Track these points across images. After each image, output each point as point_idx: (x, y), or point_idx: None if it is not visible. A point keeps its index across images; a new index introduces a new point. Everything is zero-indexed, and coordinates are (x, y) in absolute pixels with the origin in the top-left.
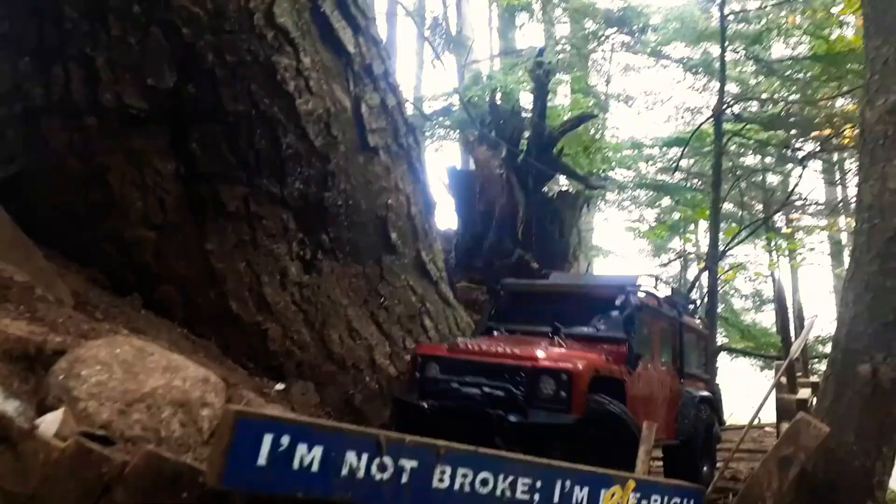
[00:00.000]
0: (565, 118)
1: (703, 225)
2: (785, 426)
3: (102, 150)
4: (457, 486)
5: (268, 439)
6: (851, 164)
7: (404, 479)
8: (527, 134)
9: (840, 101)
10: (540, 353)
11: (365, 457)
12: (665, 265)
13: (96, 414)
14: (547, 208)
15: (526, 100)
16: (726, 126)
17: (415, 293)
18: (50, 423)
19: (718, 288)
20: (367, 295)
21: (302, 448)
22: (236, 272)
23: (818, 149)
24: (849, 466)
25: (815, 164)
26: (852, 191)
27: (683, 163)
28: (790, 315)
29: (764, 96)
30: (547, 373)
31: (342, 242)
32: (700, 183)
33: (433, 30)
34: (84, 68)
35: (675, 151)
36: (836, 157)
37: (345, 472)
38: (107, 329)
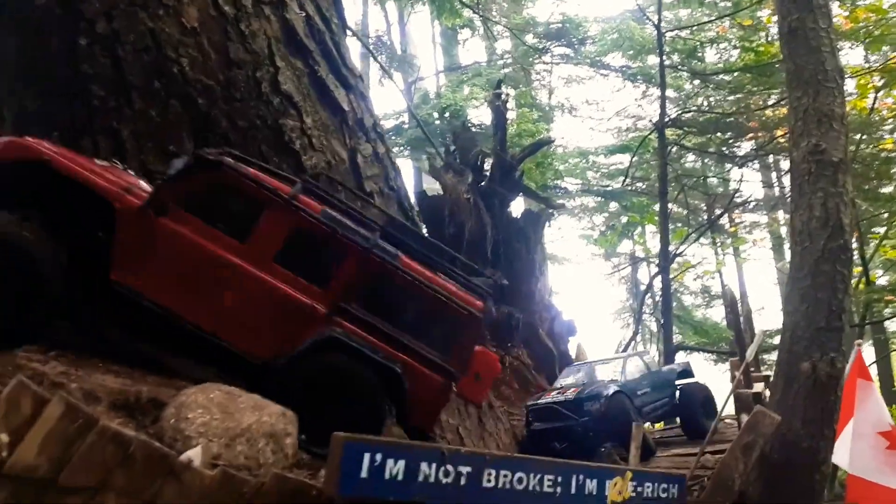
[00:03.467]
0: (525, 144)
1: (650, 227)
2: (744, 417)
3: None
4: (500, 485)
5: (367, 457)
6: (786, 163)
7: (462, 481)
8: (489, 160)
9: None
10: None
11: (434, 465)
12: (616, 269)
13: (207, 449)
14: (513, 228)
15: (473, 115)
16: (668, 134)
17: None
18: (195, 457)
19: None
20: None
21: (390, 462)
22: None
23: (755, 152)
24: (798, 447)
25: (753, 165)
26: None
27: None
28: (739, 315)
29: (700, 102)
30: None
31: None
32: (644, 186)
33: (378, 48)
34: (111, 139)
35: (618, 158)
36: (770, 158)
37: (420, 478)
38: (169, 380)
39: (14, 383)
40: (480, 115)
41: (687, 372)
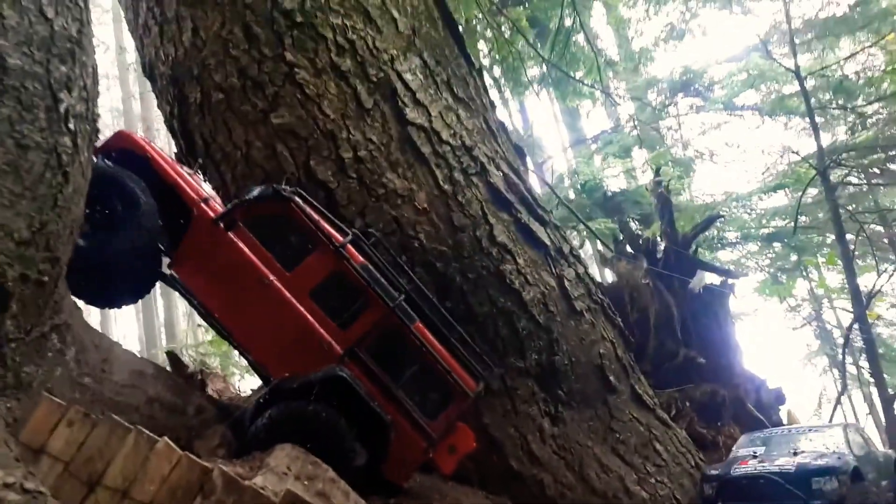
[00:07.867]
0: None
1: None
2: None
3: None
4: None
5: None
6: None
7: None
8: (661, 243)
9: None
10: None
11: None
12: (793, 310)
13: None
14: (698, 304)
15: (613, 185)
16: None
17: (640, 423)
18: None
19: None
20: (604, 433)
21: None
22: (509, 437)
23: None
24: None
25: None
26: None
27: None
28: None
29: (857, 134)
30: None
31: (574, 393)
32: (809, 219)
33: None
34: None
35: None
36: None
37: None
38: None
39: None
40: (619, 184)
41: None
